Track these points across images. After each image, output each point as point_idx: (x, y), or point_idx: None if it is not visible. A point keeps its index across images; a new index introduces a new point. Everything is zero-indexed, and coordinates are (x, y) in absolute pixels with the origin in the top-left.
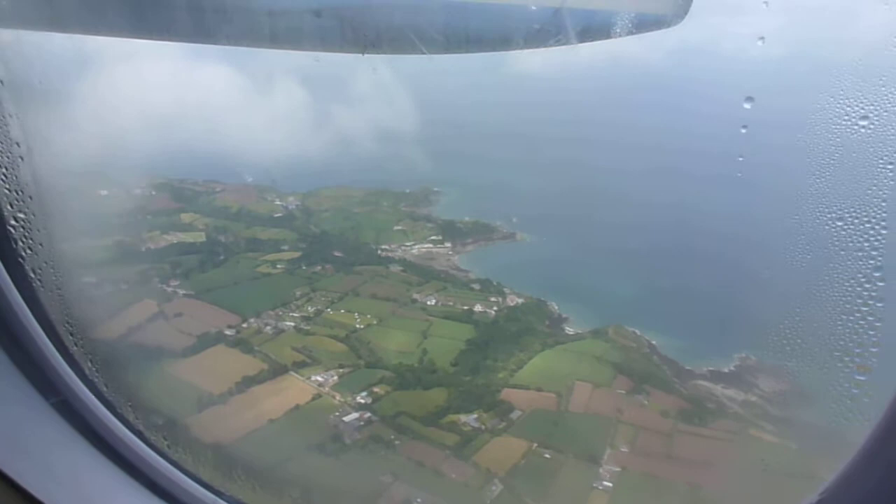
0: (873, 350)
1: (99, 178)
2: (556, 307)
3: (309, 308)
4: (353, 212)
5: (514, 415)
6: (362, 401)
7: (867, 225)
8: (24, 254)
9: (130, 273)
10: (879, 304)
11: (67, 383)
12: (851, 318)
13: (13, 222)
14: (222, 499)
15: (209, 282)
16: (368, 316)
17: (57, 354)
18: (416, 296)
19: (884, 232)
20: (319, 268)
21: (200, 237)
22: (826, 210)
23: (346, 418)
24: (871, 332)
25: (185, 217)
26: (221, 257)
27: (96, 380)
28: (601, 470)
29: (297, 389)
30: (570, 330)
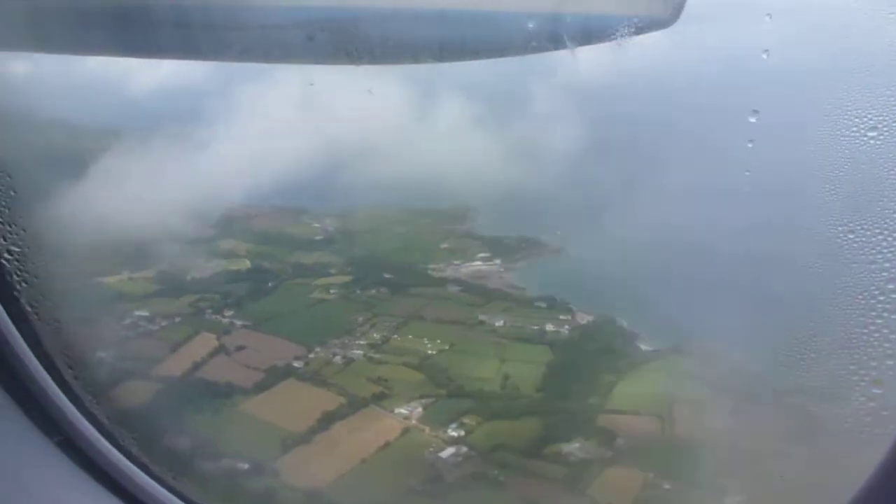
0: (889, 363)
1: (132, 208)
2: (625, 323)
3: (374, 335)
4: (394, 232)
5: (619, 442)
6: (454, 433)
7: (879, 237)
8: (18, 287)
9: (181, 305)
10: (894, 316)
11: (70, 420)
12: (866, 330)
13: (7, 255)
14: None
15: (264, 311)
16: (438, 341)
17: (58, 391)
18: (482, 317)
19: None
20: (374, 291)
21: (245, 264)
22: (837, 222)
23: (441, 454)
24: (887, 345)
25: (224, 244)
26: (270, 284)
27: (97, 413)
28: (728, 501)
29: (382, 424)
30: (645, 347)
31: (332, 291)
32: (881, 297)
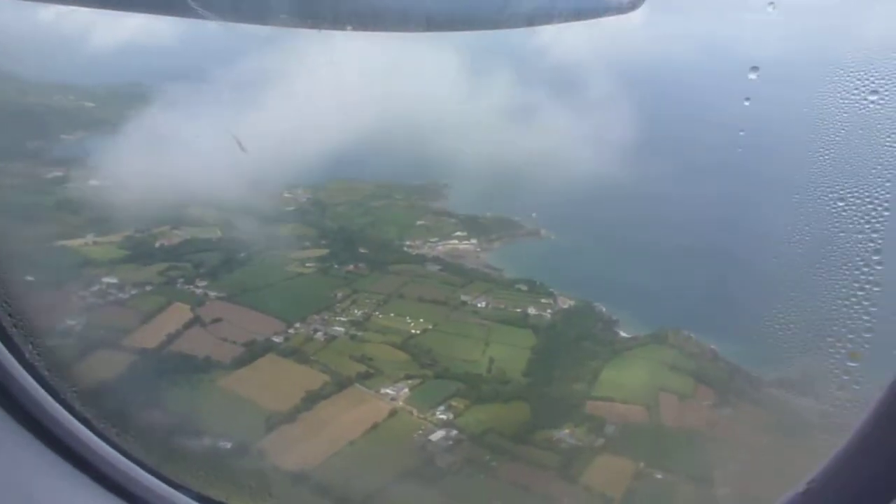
0: (866, 335)
1: (88, 167)
2: (604, 309)
3: (356, 312)
4: (369, 206)
5: (608, 429)
6: (442, 416)
7: (869, 206)
8: None
9: (150, 273)
10: (876, 289)
11: (5, 367)
12: (847, 302)
13: None
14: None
15: (239, 283)
16: (421, 320)
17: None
18: (464, 298)
19: (886, 214)
20: (352, 267)
21: (216, 233)
22: (829, 189)
23: (432, 437)
24: (866, 318)
25: (194, 211)
26: (242, 255)
27: (37, 364)
28: (717, 491)
29: (368, 405)
30: (624, 334)
31: (308, 265)
32: (865, 269)
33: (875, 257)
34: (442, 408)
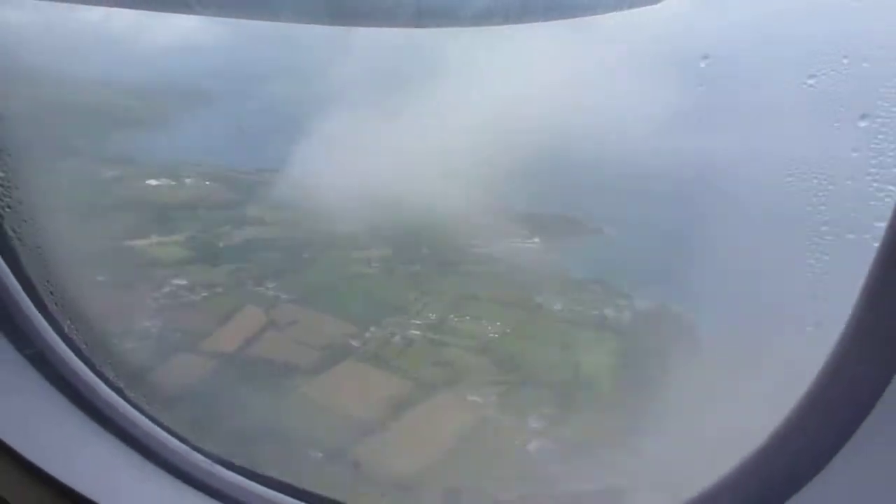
0: (822, 304)
1: (142, 165)
2: (682, 310)
3: (429, 314)
4: (424, 203)
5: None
6: (536, 425)
7: (814, 181)
8: (2, 212)
9: (218, 274)
10: (826, 257)
11: (44, 337)
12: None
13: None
14: (193, 448)
15: (307, 284)
16: (498, 324)
17: (35, 310)
18: (538, 300)
19: (830, 188)
20: (418, 267)
21: (276, 232)
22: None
23: (529, 448)
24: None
25: (251, 210)
26: (305, 255)
27: (75, 337)
28: None
29: (458, 412)
30: (704, 336)
31: (373, 265)
32: (816, 240)
33: (823, 228)
34: (534, 416)
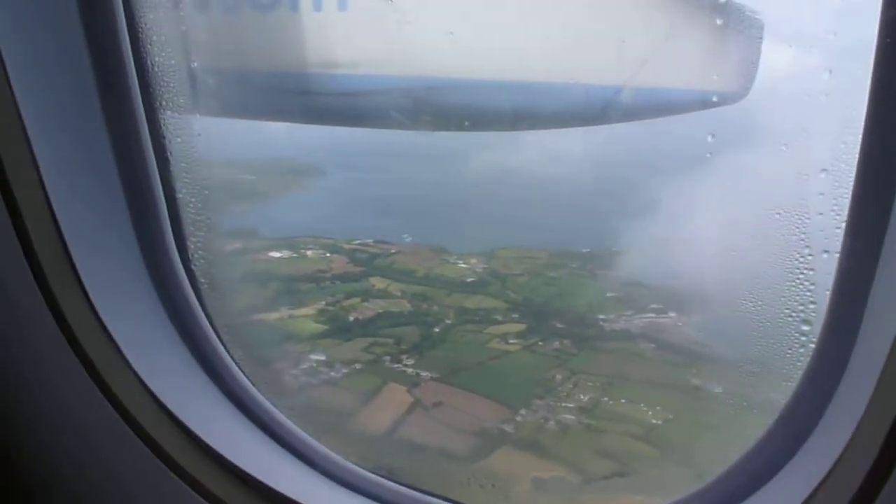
0: (811, 306)
1: (262, 238)
2: None
3: (581, 397)
4: (548, 276)
5: None
6: None
7: (796, 216)
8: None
9: (353, 349)
10: (811, 272)
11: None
12: (794, 282)
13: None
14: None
15: (444, 361)
16: (658, 408)
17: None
18: (694, 381)
19: (807, 220)
20: (558, 344)
21: (405, 306)
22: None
23: None
24: (808, 293)
25: (376, 282)
26: (436, 329)
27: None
28: None
29: None
30: None
31: (511, 342)
32: (801, 259)
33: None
34: None
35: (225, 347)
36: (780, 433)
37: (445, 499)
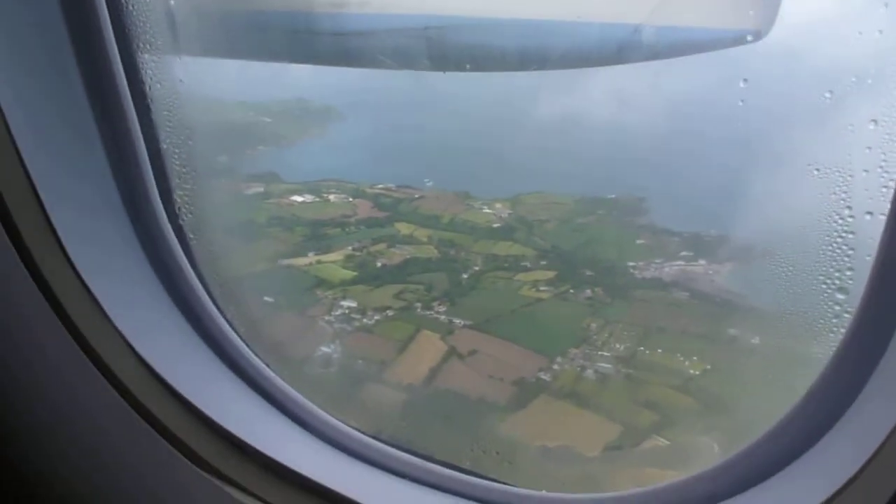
0: (848, 273)
1: (283, 182)
2: None
3: (617, 346)
4: (576, 223)
5: None
6: None
7: (836, 174)
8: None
9: (384, 295)
10: (850, 236)
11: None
12: (830, 247)
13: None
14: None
15: (477, 308)
16: (695, 359)
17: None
18: (731, 331)
19: (849, 178)
20: (590, 292)
21: (432, 252)
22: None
23: None
24: (846, 259)
25: (402, 227)
26: (465, 276)
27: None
28: None
29: (678, 463)
30: None
31: (542, 289)
32: (840, 221)
33: (846, 210)
34: None
35: (216, 305)
36: (824, 394)
37: (447, 464)
